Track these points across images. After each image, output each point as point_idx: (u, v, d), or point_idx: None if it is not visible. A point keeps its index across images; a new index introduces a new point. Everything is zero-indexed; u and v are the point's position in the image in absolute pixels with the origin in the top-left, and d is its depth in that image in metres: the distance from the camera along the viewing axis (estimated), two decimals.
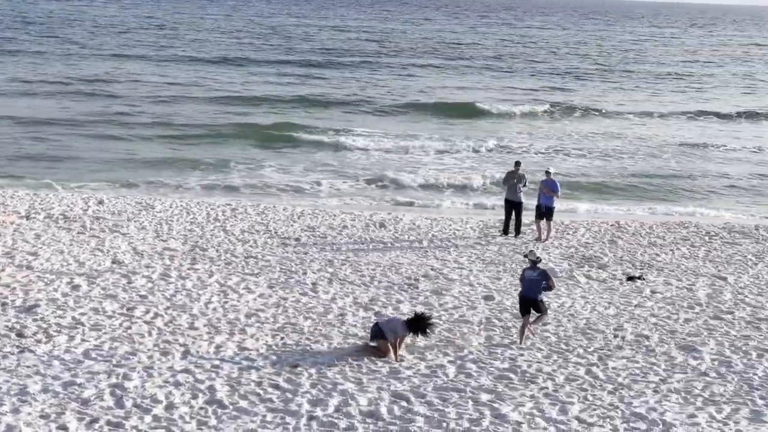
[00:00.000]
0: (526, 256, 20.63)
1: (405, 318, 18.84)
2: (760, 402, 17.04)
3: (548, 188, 29.46)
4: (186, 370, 16.98)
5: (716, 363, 18.89)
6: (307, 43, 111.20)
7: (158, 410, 15.29)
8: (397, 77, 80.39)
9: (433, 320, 19.21)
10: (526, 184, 30.09)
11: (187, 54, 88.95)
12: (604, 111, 66.50)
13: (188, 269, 23.71)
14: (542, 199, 29.51)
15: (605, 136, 55.92)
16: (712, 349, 19.71)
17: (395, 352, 18.24)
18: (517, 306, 20.02)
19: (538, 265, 19.72)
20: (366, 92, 69.52)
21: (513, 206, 29.84)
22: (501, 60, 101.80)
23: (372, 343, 18.39)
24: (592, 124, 61.55)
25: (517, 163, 30.52)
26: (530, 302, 19.45)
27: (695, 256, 28.29)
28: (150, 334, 18.75)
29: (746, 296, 24.04)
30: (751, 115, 66.87)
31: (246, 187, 38.13)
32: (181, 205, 31.78)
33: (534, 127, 58.13)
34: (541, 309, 19.61)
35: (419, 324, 18.50)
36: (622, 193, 41.38)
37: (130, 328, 19.03)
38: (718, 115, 67.53)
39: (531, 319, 19.56)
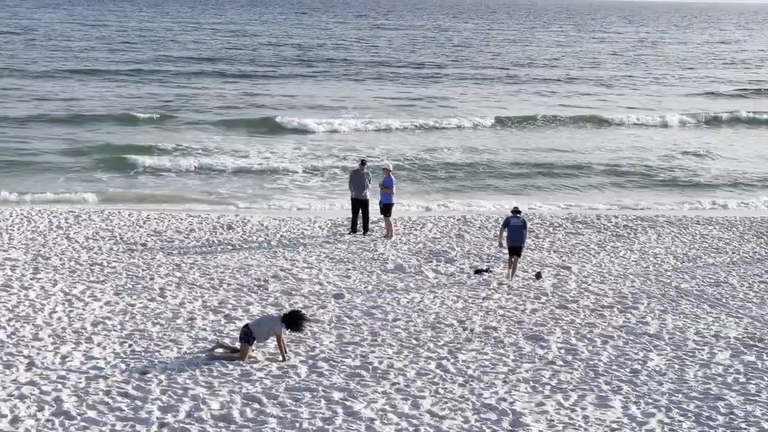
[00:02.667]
0: (513, 210, 25.04)
1: (280, 314, 18.68)
2: (605, 387, 17.52)
3: (384, 185, 29.72)
4: (31, 382, 16.53)
5: (563, 351, 19.35)
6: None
7: (3, 424, 14.84)
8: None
9: (306, 315, 19.21)
10: (371, 182, 30.28)
11: None
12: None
13: (31, 279, 23.09)
14: (381, 196, 29.78)
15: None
16: (558, 337, 20.19)
17: (282, 351, 18.21)
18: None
19: (519, 215, 24.68)
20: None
21: (359, 204, 29.99)
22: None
23: (220, 350, 18.23)
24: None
25: (363, 162, 30.71)
26: (518, 248, 24.54)
27: (540, 246, 28.90)
28: None
29: (590, 285, 24.68)
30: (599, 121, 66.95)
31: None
32: (22, 214, 30.90)
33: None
34: (520, 253, 24.66)
35: (295, 319, 18.39)
36: (467, 187, 41.90)
37: None
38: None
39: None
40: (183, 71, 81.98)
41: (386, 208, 29.67)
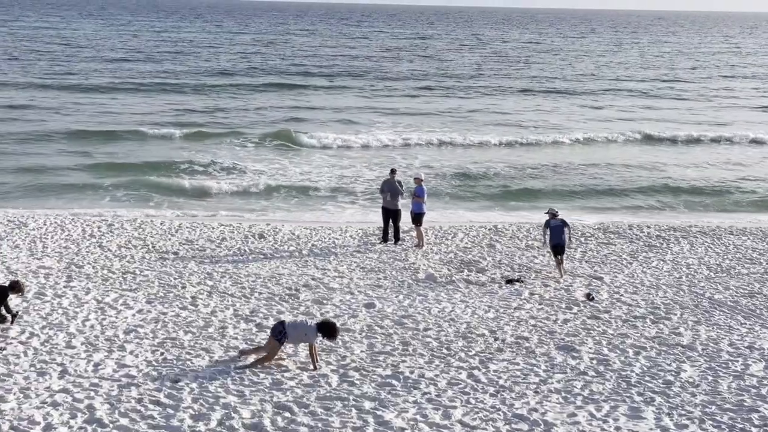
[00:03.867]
0: (548, 212, 27.15)
1: (314, 323, 18.61)
2: (637, 398, 17.40)
3: (415, 194, 29.70)
4: (64, 390, 16.61)
5: (595, 362, 19.25)
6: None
7: None
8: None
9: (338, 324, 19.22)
10: (402, 191, 30.24)
11: None
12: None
13: (64, 287, 23.22)
14: (412, 206, 29.76)
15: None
16: (590, 348, 20.09)
17: (313, 360, 18.24)
18: None
19: (558, 217, 26.65)
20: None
21: (390, 214, 29.97)
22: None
23: (251, 358, 18.26)
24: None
25: (393, 171, 30.70)
26: (561, 246, 26.14)
27: (572, 257, 28.78)
28: (26, 354, 18.30)
29: (622, 295, 24.56)
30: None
31: None
32: (55, 222, 31.10)
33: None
34: (565, 251, 26.46)
35: (329, 328, 18.34)
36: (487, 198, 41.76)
37: (4, 349, 18.55)
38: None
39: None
40: (219, 83, 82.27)
41: (417, 218, 29.63)
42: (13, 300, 20.54)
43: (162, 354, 18.67)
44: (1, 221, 30.99)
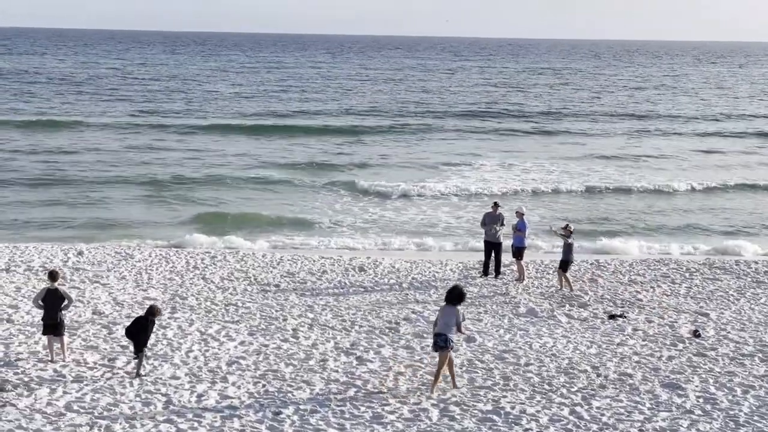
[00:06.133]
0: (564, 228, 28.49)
1: (446, 304, 19.01)
2: None
3: (517, 228, 29.53)
4: (168, 420, 16.82)
5: (701, 400, 18.85)
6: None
7: None
8: None
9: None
10: (504, 224, 30.09)
11: None
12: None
13: (168, 318, 23.56)
14: (513, 239, 29.60)
15: None
16: (696, 386, 19.69)
17: (452, 374, 19.04)
18: None
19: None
20: None
21: (492, 247, 29.85)
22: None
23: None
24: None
25: (496, 204, 30.59)
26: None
27: (676, 292, 28.31)
28: (131, 384, 18.59)
29: (729, 332, 24.05)
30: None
31: None
32: (161, 254, 31.63)
33: None
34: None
35: (457, 292, 18.99)
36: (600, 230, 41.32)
37: (111, 378, 18.87)
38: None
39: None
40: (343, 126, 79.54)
41: (518, 252, 29.45)
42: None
43: (264, 386, 18.79)
44: (108, 253, 31.61)
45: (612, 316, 25.14)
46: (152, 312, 19.66)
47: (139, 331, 19.25)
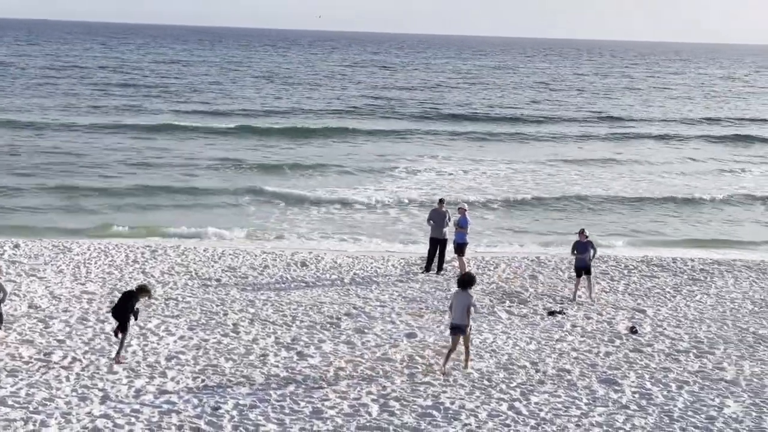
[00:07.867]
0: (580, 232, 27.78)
1: (459, 289, 20.11)
2: None
3: (459, 224, 29.62)
4: (105, 415, 16.69)
5: (637, 396, 19.08)
6: None
7: None
8: None
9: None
10: (450, 220, 30.18)
11: None
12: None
13: (107, 312, 23.35)
14: (455, 236, 29.67)
15: None
16: (632, 382, 19.92)
17: (467, 352, 20.33)
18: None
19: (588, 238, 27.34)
20: None
21: (437, 243, 29.94)
22: None
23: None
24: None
25: (441, 201, 30.69)
26: (584, 268, 27.07)
27: (615, 289, 28.59)
28: (68, 379, 18.42)
29: (665, 329, 24.34)
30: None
31: None
32: (99, 248, 31.34)
33: None
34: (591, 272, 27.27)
35: (468, 277, 20.33)
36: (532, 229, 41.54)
37: (47, 373, 18.68)
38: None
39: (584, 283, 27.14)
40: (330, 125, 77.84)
41: (460, 248, 29.55)
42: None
43: (203, 381, 18.72)
44: (45, 246, 31.27)
45: (551, 313, 25.34)
46: (142, 289, 19.63)
47: (127, 308, 19.29)
